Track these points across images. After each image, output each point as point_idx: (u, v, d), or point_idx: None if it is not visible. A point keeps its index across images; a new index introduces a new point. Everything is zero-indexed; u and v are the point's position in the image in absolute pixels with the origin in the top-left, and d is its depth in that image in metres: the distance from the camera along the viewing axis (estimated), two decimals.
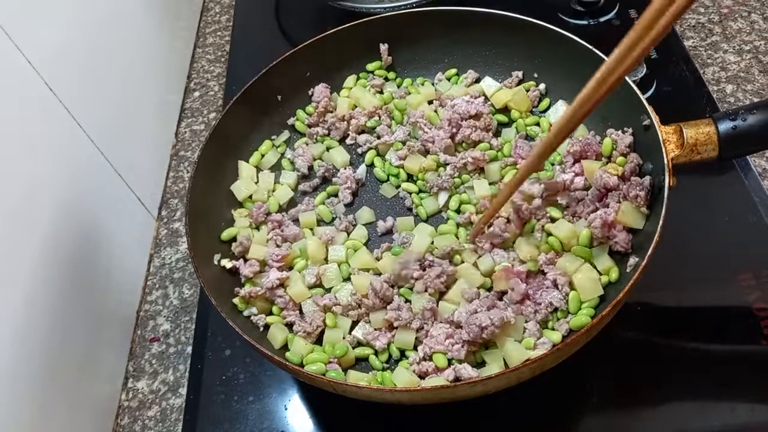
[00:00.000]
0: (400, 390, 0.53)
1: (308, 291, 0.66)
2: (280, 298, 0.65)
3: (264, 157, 0.78)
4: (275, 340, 0.63)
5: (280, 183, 0.76)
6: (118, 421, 0.70)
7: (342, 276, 0.67)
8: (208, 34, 1.12)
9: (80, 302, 0.68)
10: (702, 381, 0.62)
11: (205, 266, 0.64)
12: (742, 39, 0.93)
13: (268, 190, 0.75)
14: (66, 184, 0.68)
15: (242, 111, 0.75)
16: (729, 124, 0.58)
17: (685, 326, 0.66)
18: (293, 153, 0.78)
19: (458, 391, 0.52)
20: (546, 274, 0.62)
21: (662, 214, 0.56)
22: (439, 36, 0.81)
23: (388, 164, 0.76)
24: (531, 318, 0.60)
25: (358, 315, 0.64)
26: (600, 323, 0.53)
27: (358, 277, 0.65)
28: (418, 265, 0.64)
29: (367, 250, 0.69)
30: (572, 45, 0.71)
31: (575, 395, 0.64)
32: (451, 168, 0.72)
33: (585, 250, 0.61)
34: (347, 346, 0.61)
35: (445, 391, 0.52)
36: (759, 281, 0.67)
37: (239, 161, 0.76)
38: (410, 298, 0.63)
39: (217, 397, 0.68)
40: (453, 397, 0.53)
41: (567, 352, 0.54)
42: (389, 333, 0.62)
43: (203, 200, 0.68)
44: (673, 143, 0.60)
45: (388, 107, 0.79)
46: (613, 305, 0.53)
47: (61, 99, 0.67)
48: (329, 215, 0.73)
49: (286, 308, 0.65)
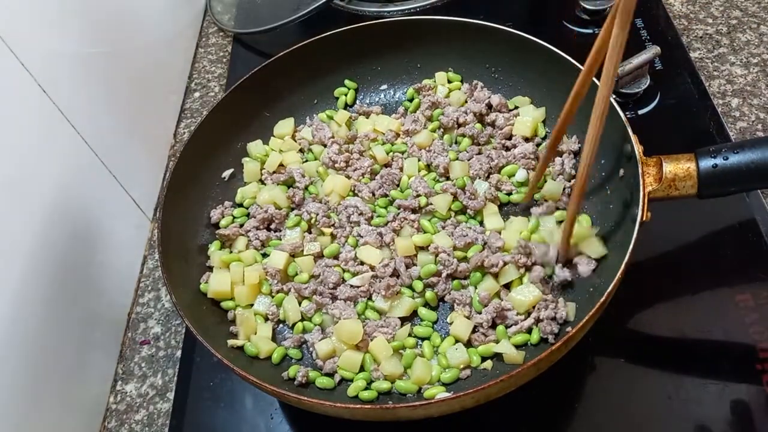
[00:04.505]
0: (340, 406, 0.53)
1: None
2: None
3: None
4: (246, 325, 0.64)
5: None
6: (105, 423, 0.70)
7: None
8: (211, 35, 1.11)
9: (72, 303, 0.68)
10: (696, 402, 0.61)
11: (181, 291, 0.63)
12: (750, 51, 0.92)
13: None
14: (58, 184, 0.67)
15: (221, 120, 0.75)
16: (710, 162, 0.56)
17: (679, 349, 0.65)
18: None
19: (399, 413, 0.53)
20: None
21: (629, 248, 0.54)
22: (437, 43, 0.80)
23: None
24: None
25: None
26: (550, 357, 0.52)
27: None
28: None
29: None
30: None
31: (562, 414, 0.63)
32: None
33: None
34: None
35: (386, 411, 0.52)
36: (757, 302, 0.66)
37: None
38: None
39: (204, 402, 0.68)
40: (395, 417, 0.54)
41: (512, 384, 0.53)
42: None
43: (177, 221, 0.68)
44: (652, 176, 0.58)
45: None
46: (565, 341, 0.52)
47: (53, 99, 0.67)
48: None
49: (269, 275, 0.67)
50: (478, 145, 0.76)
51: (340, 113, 0.82)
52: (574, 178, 0.71)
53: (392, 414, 0.53)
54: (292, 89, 0.82)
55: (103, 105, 0.78)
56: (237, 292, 0.66)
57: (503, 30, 0.75)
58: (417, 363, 0.60)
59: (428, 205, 0.70)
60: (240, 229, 0.72)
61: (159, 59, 0.96)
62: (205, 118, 0.74)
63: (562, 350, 0.53)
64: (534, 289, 0.61)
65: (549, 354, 0.51)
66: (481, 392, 0.50)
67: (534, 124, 0.75)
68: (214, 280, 0.66)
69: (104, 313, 0.75)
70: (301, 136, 0.80)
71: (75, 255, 0.69)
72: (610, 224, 0.64)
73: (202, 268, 0.69)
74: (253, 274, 0.66)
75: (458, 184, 0.71)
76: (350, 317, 0.63)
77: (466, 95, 0.80)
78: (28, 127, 0.64)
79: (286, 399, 0.55)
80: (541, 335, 0.60)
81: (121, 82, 0.82)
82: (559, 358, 0.54)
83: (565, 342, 0.52)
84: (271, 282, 0.67)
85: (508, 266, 0.64)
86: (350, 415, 0.54)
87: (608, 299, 0.53)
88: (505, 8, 1.01)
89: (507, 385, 0.52)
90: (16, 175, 0.61)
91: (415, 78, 0.84)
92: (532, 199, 0.71)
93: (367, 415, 0.54)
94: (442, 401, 0.52)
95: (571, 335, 0.52)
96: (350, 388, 0.60)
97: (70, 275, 0.68)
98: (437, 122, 0.78)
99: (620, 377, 0.64)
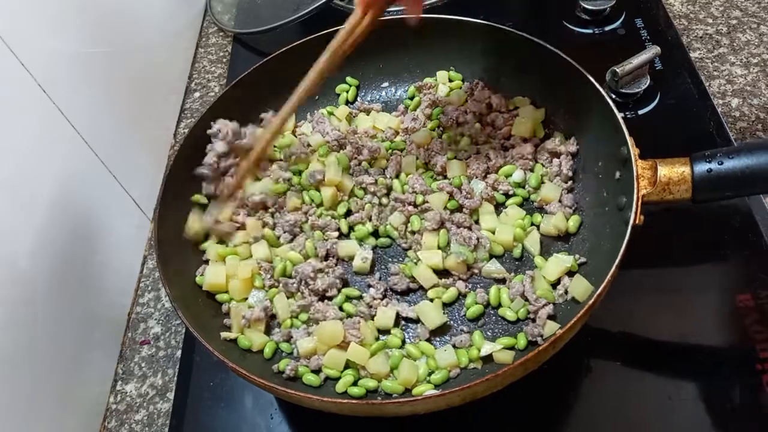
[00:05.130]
0: (328, 400, 0.54)
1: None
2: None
3: None
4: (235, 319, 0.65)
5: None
6: (105, 423, 0.70)
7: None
8: (211, 35, 1.11)
9: (72, 303, 0.68)
10: (696, 402, 0.61)
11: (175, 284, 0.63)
12: (750, 51, 0.91)
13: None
14: (58, 184, 0.67)
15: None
16: (705, 166, 0.56)
17: (679, 349, 0.65)
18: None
19: (385, 408, 0.53)
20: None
21: (620, 252, 0.54)
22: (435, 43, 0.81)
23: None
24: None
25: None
26: (537, 357, 0.52)
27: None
28: None
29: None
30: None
31: (559, 416, 0.63)
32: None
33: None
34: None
35: (373, 407, 0.53)
36: (757, 302, 0.66)
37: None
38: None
39: (204, 402, 0.68)
40: (381, 413, 0.54)
41: (499, 383, 0.53)
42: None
43: (175, 216, 0.68)
44: (646, 179, 0.58)
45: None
46: (552, 342, 0.52)
47: (53, 99, 0.67)
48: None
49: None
50: (476, 145, 0.76)
51: (341, 108, 0.82)
52: (571, 180, 0.71)
53: (379, 409, 0.54)
54: (293, 85, 0.81)
55: (103, 105, 0.78)
56: (231, 286, 0.67)
57: (504, 30, 0.75)
58: (404, 364, 0.60)
59: (425, 203, 0.71)
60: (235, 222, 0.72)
61: (159, 59, 0.96)
62: (205, 112, 0.73)
63: (549, 351, 0.53)
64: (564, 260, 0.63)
65: (536, 354, 0.51)
66: (467, 390, 0.51)
67: (533, 124, 0.75)
68: (210, 272, 0.67)
69: (104, 313, 0.75)
70: (302, 132, 0.81)
71: (75, 255, 0.69)
72: (604, 227, 0.64)
73: (199, 262, 0.69)
74: (246, 269, 0.67)
75: (455, 183, 0.71)
76: (331, 318, 0.63)
77: (467, 94, 0.80)
78: (27, 127, 0.64)
79: (275, 392, 0.56)
80: (528, 338, 0.60)
81: (121, 82, 0.82)
82: (546, 359, 0.54)
83: (553, 343, 0.52)
84: (264, 276, 0.67)
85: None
86: (337, 409, 0.55)
87: (597, 302, 0.53)
88: (506, 8, 1.01)
89: (493, 384, 0.52)
90: (15, 174, 0.61)
91: (416, 76, 0.84)
92: (527, 199, 0.72)
93: (354, 410, 0.55)
94: (428, 398, 0.52)
95: (559, 336, 0.52)
96: (339, 384, 0.60)
97: (70, 275, 0.68)
98: (437, 121, 0.78)
99: (618, 378, 0.63)
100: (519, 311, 0.62)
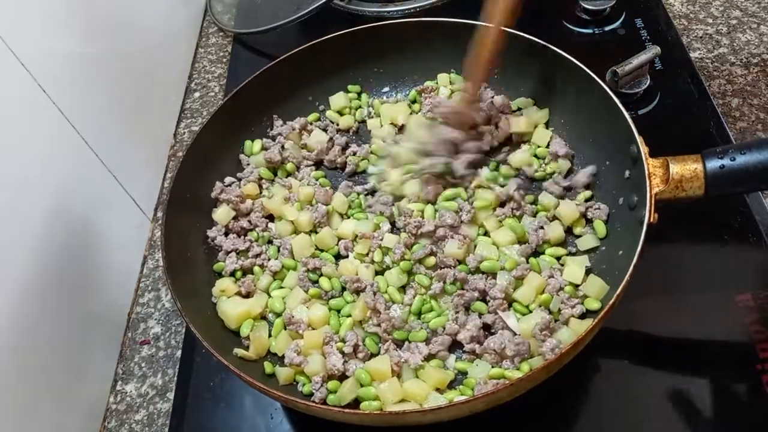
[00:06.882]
0: (349, 413, 0.53)
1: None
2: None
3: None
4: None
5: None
6: (105, 423, 0.70)
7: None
8: (211, 35, 1.11)
9: (72, 303, 0.68)
10: (696, 402, 0.61)
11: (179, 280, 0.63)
12: (750, 51, 0.91)
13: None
14: (58, 184, 0.67)
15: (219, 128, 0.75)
16: (717, 163, 0.56)
17: (679, 349, 0.65)
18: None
19: (408, 418, 0.52)
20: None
21: (637, 250, 0.54)
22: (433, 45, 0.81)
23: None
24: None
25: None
26: (560, 360, 0.52)
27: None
28: None
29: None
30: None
31: (568, 415, 0.63)
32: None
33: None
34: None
35: (395, 417, 0.52)
36: (757, 303, 0.66)
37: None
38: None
39: (204, 403, 0.68)
40: (403, 422, 0.53)
41: (522, 388, 0.53)
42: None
43: (181, 228, 0.68)
44: (658, 177, 0.58)
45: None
46: (574, 344, 0.51)
47: (53, 99, 0.67)
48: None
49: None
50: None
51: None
52: (587, 187, 0.71)
53: (401, 419, 0.52)
54: (294, 92, 0.82)
55: (103, 105, 0.78)
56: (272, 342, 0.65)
57: (504, 31, 0.75)
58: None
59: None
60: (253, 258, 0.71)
61: (159, 59, 0.96)
62: (207, 122, 0.73)
63: (571, 353, 0.52)
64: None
65: (559, 357, 0.51)
66: (491, 396, 0.50)
67: (536, 125, 0.75)
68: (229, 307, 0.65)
69: (104, 313, 0.75)
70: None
71: (75, 255, 0.69)
72: (618, 227, 0.65)
73: (208, 274, 0.69)
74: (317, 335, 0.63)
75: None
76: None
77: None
78: (27, 128, 0.64)
79: (295, 405, 0.55)
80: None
81: (121, 82, 0.82)
82: (568, 360, 0.54)
83: (575, 344, 0.51)
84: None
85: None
86: (359, 420, 0.54)
87: (618, 301, 0.53)
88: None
89: (517, 388, 0.52)
90: (15, 174, 0.61)
91: (417, 80, 0.84)
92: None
93: (375, 421, 0.54)
94: (452, 406, 0.51)
95: (582, 337, 0.52)
96: (363, 404, 0.59)
97: (70, 275, 0.68)
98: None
99: (623, 377, 0.63)
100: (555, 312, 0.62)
